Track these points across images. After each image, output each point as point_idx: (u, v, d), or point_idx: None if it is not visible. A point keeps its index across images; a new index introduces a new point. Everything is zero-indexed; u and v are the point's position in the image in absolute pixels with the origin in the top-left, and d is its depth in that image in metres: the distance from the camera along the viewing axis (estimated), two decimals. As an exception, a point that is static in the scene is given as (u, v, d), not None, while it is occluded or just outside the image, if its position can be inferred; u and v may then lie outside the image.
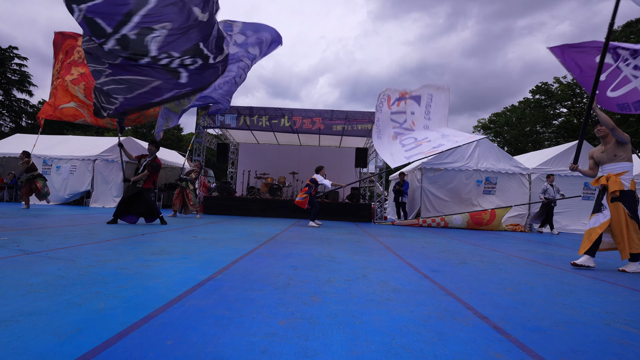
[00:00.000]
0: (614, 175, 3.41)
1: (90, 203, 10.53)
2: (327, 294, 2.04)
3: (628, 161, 3.39)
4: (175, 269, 2.47)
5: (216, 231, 5.27)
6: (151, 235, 4.33)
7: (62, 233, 4.07)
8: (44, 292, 1.77)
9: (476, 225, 8.57)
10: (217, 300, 1.80)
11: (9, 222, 4.99)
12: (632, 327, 1.71)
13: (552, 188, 8.50)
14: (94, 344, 1.20)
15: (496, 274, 2.91)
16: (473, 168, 9.71)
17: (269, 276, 2.41)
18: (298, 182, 12.56)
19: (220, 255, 3.17)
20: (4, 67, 26.44)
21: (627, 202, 3.32)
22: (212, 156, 16.87)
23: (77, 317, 1.46)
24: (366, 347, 1.31)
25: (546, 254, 4.55)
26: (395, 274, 2.73)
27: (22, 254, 2.70)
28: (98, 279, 2.09)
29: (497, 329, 1.57)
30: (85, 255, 2.78)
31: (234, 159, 14.11)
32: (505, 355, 1.29)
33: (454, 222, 8.55)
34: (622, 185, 3.34)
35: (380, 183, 10.42)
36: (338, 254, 3.61)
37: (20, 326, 1.33)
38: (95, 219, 6.17)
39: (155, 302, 1.70)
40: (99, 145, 11.31)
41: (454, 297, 2.10)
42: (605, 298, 2.29)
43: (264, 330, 1.42)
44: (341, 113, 10.09)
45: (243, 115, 10.22)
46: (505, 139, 35.63)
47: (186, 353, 1.18)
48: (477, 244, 5.35)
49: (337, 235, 5.56)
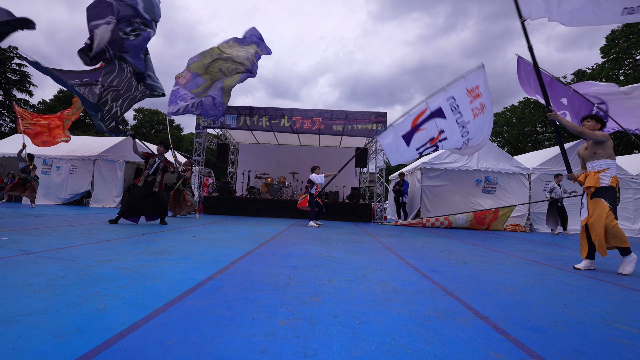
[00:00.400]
0: (592, 172, 3.44)
1: (90, 203, 10.53)
2: (327, 294, 2.04)
3: (608, 158, 3.38)
4: (175, 269, 2.47)
5: (216, 231, 5.27)
6: (151, 235, 4.33)
7: (62, 233, 4.07)
8: (44, 292, 1.77)
9: (479, 224, 8.56)
10: (217, 300, 1.80)
11: (9, 222, 4.99)
12: (632, 327, 1.71)
13: (559, 187, 8.46)
14: (94, 344, 1.20)
15: (496, 274, 2.91)
16: (473, 168, 9.71)
17: (269, 276, 2.41)
18: (298, 182, 12.57)
19: (220, 255, 3.17)
20: (4, 67, 26.44)
21: (607, 198, 3.31)
22: (212, 156, 16.86)
23: (77, 317, 1.46)
24: (366, 347, 1.31)
25: (546, 254, 4.55)
26: (395, 274, 2.73)
27: (22, 254, 2.70)
28: (98, 279, 2.09)
29: (497, 329, 1.57)
30: (85, 255, 2.78)
31: (234, 159, 14.10)
32: (505, 355, 1.29)
33: (458, 221, 8.53)
34: (597, 182, 3.35)
35: (380, 183, 10.42)
36: (338, 254, 3.61)
37: (20, 326, 1.33)
38: (95, 219, 6.17)
39: (155, 302, 1.70)
40: (99, 145, 11.30)
41: (454, 297, 2.10)
42: (605, 298, 2.29)
43: (264, 330, 1.42)
44: (341, 113, 10.09)
45: (243, 116, 10.22)
46: (505, 139, 35.64)
47: (186, 353, 1.18)
48: (477, 244, 5.35)
49: (337, 235, 5.56)
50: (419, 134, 6.24)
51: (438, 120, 6.08)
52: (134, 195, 5.65)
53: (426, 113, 6.11)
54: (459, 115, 5.90)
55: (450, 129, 6.02)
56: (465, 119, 5.88)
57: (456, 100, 5.91)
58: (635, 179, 9.54)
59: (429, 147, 6.27)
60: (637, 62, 22.95)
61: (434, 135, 6.15)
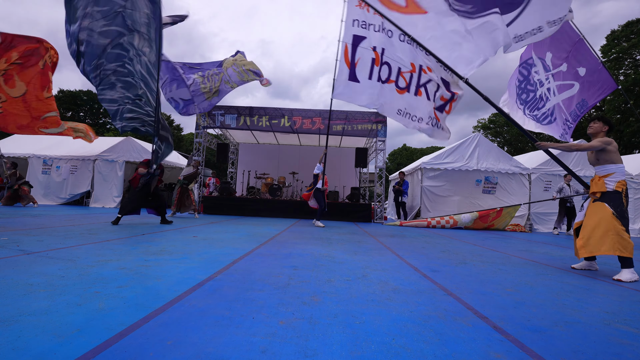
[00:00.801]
0: (597, 177, 3.38)
1: (90, 203, 10.53)
2: (327, 294, 2.04)
3: (612, 163, 3.28)
4: (175, 269, 2.47)
5: (216, 231, 5.27)
6: (151, 235, 4.33)
7: (62, 233, 4.07)
8: (44, 292, 1.77)
9: (482, 222, 8.53)
10: (217, 300, 1.80)
11: (9, 222, 4.99)
12: (632, 327, 1.71)
13: (568, 187, 8.43)
14: (94, 344, 1.20)
15: (496, 274, 2.91)
16: (473, 168, 9.72)
17: (269, 276, 2.41)
18: (298, 182, 12.57)
19: (220, 255, 3.17)
20: (4, 67, 26.39)
21: (611, 202, 3.18)
22: (212, 156, 16.87)
23: (77, 317, 1.46)
24: (366, 347, 1.31)
25: (546, 254, 4.55)
26: (395, 274, 2.73)
27: (22, 254, 2.70)
28: (98, 279, 2.09)
29: (497, 329, 1.57)
30: (85, 255, 2.78)
31: (234, 159, 14.11)
32: (505, 355, 1.29)
33: (463, 220, 8.48)
34: (603, 186, 3.27)
35: (380, 183, 10.42)
36: (338, 254, 3.61)
37: (20, 326, 1.33)
38: (95, 219, 6.17)
39: (155, 302, 1.70)
40: (99, 145, 11.30)
41: (454, 297, 2.10)
42: (605, 298, 2.29)
43: (264, 330, 1.42)
44: (341, 113, 10.09)
45: (243, 116, 10.23)
46: (505, 139, 35.65)
47: (186, 353, 1.18)
48: (477, 244, 5.35)
49: (337, 235, 5.56)
50: (359, 66, 5.91)
51: (363, 43, 5.81)
52: (131, 195, 5.78)
53: (349, 48, 5.86)
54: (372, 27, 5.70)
55: (377, 39, 5.75)
56: (376, 23, 5.69)
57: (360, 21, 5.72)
58: (635, 179, 9.54)
59: (379, 69, 5.86)
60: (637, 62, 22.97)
61: (372, 57, 5.85)
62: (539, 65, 5.86)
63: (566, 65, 5.78)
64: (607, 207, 3.18)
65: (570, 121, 5.92)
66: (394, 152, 55.74)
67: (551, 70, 5.87)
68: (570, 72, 5.81)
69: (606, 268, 3.56)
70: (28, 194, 9.14)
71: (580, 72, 5.72)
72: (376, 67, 5.92)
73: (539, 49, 5.86)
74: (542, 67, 5.80)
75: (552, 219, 9.39)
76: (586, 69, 5.69)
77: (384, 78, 5.97)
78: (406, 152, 53.77)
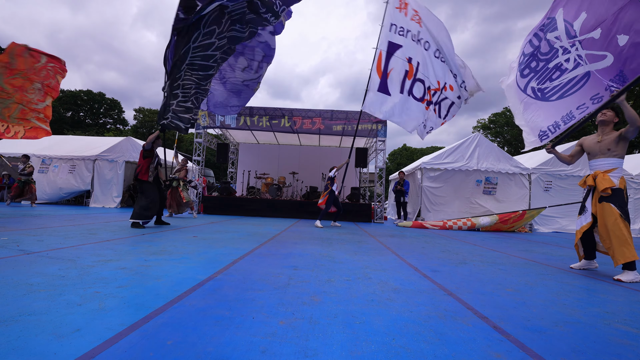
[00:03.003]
0: (601, 173, 3.10)
1: (90, 203, 10.52)
2: (327, 294, 2.04)
3: (620, 157, 3.07)
4: (175, 269, 2.47)
5: (216, 231, 5.27)
6: (151, 235, 4.33)
7: (62, 233, 4.07)
8: (44, 292, 1.77)
9: (503, 225, 8.26)
10: (217, 300, 1.80)
11: (9, 222, 4.99)
12: (632, 327, 1.71)
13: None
14: (94, 344, 1.20)
15: (496, 274, 2.91)
16: (473, 168, 9.71)
17: (269, 276, 2.41)
18: (298, 182, 12.57)
19: (220, 255, 3.17)
20: (4, 67, 26.38)
21: (617, 201, 2.98)
22: (212, 156, 16.87)
23: (77, 317, 1.46)
24: (366, 347, 1.31)
25: (546, 254, 4.55)
26: (395, 274, 2.73)
27: (22, 254, 2.70)
28: (98, 279, 2.09)
29: (497, 329, 1.57)
30: (85, 255, 2.78)
31: (234, 159, 14.11)
32: (505, 355, 1.29)
33: (481, 222, 8.24)
34: (612, 182, 3.00)
35: (380, 183, 10.41)
36: (338, 254, 3.61)
37: (20, 326, 1.33)
38: (95, 219, 6.17)
39: (155, 302, 1.70)
40: (99, 145, 11.30)
41: (454, 297, 2.10)
42: (605, 298, 2.29)
43: (264, 330, 1.42)
44: (341, 113, 10.09)
45: (243, 116, 10.23)
46: (505, 139, 35.66)
47: (186, 353, 1.18)
48: (477, 244, 5.35)
49: (337, 235, 5.56)
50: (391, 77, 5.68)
51: (397, 53, 5.57)
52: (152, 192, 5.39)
53: (383, 55, 5.62)
54: (410, 35, 5.56)
55: (414, 50, 5.61)
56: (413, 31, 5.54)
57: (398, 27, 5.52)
58: (635, 179, 9.54)
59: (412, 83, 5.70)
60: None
61: (406, 69, 5.66)
62: (561, 30, 4.62)
63: (600, 31, 4.08)
64: (613, 208, 2.98)
65: (615, 86, 4.10)
66: (394, 152, 55.80)
67: (578, 37, 4.44)
68: (603, 40, 4.08)
69: (606, 268, 3.56)
70: (34, 192, 9.24)
71: (620, 41, 3.94)
72: (408, 81, 5.75)
73: (570, 9, 4.41)
74: (565, 33, 4.54)
75: (552, 219, 9.39)
76: (630, 38, 3.88)
77: (418, 96, 5.83)
78: (406, 152, 53.82)
